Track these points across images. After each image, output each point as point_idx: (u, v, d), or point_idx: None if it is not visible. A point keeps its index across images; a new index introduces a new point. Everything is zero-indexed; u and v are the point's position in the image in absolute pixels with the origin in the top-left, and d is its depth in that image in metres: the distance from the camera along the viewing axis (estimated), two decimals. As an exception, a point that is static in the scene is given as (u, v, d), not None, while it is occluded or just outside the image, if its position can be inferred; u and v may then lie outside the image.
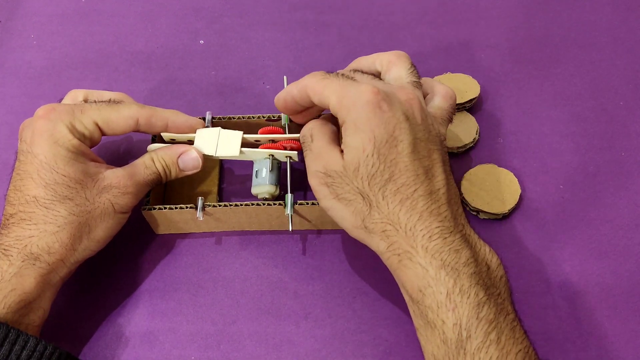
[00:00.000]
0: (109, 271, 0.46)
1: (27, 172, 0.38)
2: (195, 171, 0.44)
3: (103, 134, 0.42)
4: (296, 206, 0.43)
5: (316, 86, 0.38)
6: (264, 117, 0.47)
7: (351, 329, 0.43)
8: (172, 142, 0.45)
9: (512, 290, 0.36)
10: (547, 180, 0.49)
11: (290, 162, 0.45)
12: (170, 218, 0.44)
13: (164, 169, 0.43)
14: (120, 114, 0.42)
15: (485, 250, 0.35)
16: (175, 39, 0.59)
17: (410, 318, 0.43)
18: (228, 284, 0.45)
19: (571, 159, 0.50)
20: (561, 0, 0.61)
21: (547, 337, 0.42)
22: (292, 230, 0.43)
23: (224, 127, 0.47)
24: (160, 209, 0.43)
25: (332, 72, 0.39)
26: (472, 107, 0.53)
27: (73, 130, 0.40)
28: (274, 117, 0.47)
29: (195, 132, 0.45)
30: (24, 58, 0.58)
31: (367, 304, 0.44)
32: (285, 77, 0.47)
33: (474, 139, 0.50)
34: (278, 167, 0.45)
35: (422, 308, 0.34)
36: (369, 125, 0.35)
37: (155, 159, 0.43)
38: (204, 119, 0.47)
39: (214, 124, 0.47)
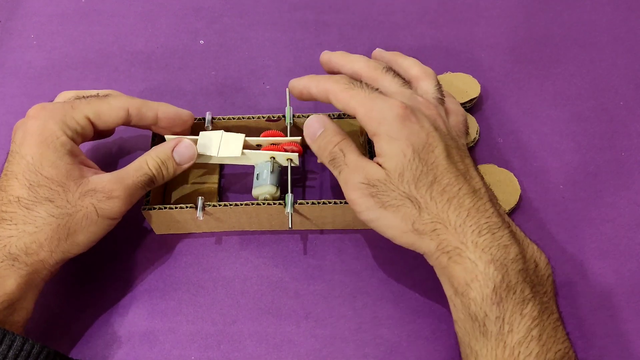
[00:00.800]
0: (109, 271, 0.46)
1: (13, 173, 0.38)
2: (191, 162, 0.43)
3: (95, 128, 0.42)
4: (296, 205, 0.43)
5: (340, 95, 0.39)
6: (264, 117, 0.47)
7: (351, 329, 0.43)
8: None
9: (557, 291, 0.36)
10: (547, 180, 0.49)
11: (291, 164, 0.45)
12: (170, 218, 0.44)
13: (160, 167, 0.42)
14: (111, 105, 0.42)
15: (533, 249, 0.36)
16: (175, 39, 0.59)
17: (412, 318, 0.43)
18: (228, 283, 0.45)
19: (571, 159, 0.50)
20: (561, 0, 0.61)
21: (548, 337, 0.42)
22: (291, 227, 0.43)
23: (224, 128, 0.47)
24: (160, 208, 0.43)
25: (355, 80, 0.40)
26: (472, 106, 0.53)
27: (64, 127, 0.40)
28: (274, 117, 0.47)
29: (188, 133, 0.45)
30: (24, 58, 0.58)
31: (367, 303, 0.44)
32: (288, 90, 0.47)
33: (474, 139, 0.50)
34: (279, 170, 0.45)
35: (465, 300, 0.34)
36: (404, 134, 0.36)
37: (149, 159, 0.42)
38: (203, 119, 0.47)
39: (213, 124, 0.47)
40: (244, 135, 0.45)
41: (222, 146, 0.44)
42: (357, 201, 0.37)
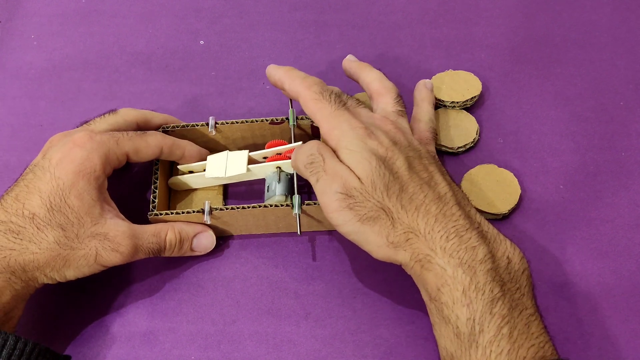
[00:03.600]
0: (109, 271, 0.46)
1: (38, 189, 0.39)
2: (204, 252, 0.45)
3: (129, 161, 0.43)
4: (304, 206, 0.43)
5: (309, 103, 0.41)
6: (267, 120, 0.47)
7: (351, 329, 0.43)
8: (190, 172, 0.47)
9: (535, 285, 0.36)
10: (547, 180, 0.49)
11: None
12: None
13: (174, 244, 0.43)
14: (149, 144, 0.43)
15: (505, 245, 0.36)
16: (176, 39, 0.59)
17: (411, 319, 0.43)
18: (228, 284, 0.45)
19: (571, 159, 0.50)
20: (561, 0, 0.61)
21: (547, 337, 0.42)
22: (300, 234, 0.43)
23: (227, 131, 0.47)
24: (167, 214, 0.43)
25: (326, 89, 0.41)
26: (472, 105, 0.53)
27: (105, 163, 0.41)
28: (277, 119, 0.47)
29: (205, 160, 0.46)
30: (24, 58, 0.59)
31: (367, 304, 0.44)
32: None
33: (474, 139, 0.50)
34: (287, 179, 0.45)
35: (438, 305, 0.35)
36: (364, 147, 0.38)
37: (170, 232, 0.43)
38: (207, 124, 0.47)
39: (217, 128, 0.47)
40: (247, 151, 0.46)
41: (229, 166, 0.45)
42: (333, 214, 0.37)
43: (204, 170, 0.46)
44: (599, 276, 0.44)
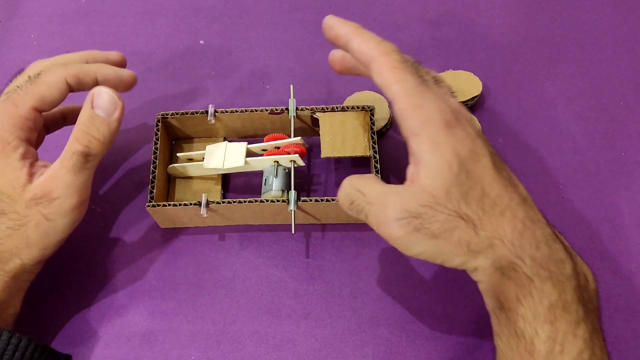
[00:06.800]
0: (109, 271, 0.46)
1: None
2: (119, 110, 0.39)
3: (44, 110, 0.39)
4: (299, 203, 0.43)
5: (387, 72, 0.34)
6: (266, 110, 0.47)
7: (351, 329, 0.43)
8: (190, 160, 0.47)
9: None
10: (547, 180, 0.49)
11: (294, 165, 0.45)
12: (174, 214, 0.45)
13: (88, 134, 0.37)
14: (50, 85, 0.38)
15: (580, 261, 0.34)
16: (176, 39, 0.59)
17: (411, 319, 0.43)
18: (228, 284, 0.45)
19: (571, 159, 0.50)
20: (561, 0, 0.61)
21: (547, 337, 0.42)
22: (294, 232, 0.43)
23: (227, 120, 0.47)
24: (164, 205, 0.43)
25: (406, 58, 0.35)
26: (474, 105, 0.53)
27: (16, 131, 0.37)
28: (276, 110, 0.47)
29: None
30: (24, 58, 0.58)
31: (367, 303, 0.44)
32: (292, 85, 0.49)
33: (475, 138, 0.50)
34: (284, 173, 0.45)
35: (513, 316, 0.32)
36: (450, 141, 0.33)
37: (74, 132, 0.37)
38: (206, 112, 0.47)
39: (216, 117, 0.47)
40: (246, 143, 0.46)
41: (227, 158, 0.45)
42: (400, 241, 0.32)
43: (203, 159, 0.46)
44: (599, 276, 0.44)
